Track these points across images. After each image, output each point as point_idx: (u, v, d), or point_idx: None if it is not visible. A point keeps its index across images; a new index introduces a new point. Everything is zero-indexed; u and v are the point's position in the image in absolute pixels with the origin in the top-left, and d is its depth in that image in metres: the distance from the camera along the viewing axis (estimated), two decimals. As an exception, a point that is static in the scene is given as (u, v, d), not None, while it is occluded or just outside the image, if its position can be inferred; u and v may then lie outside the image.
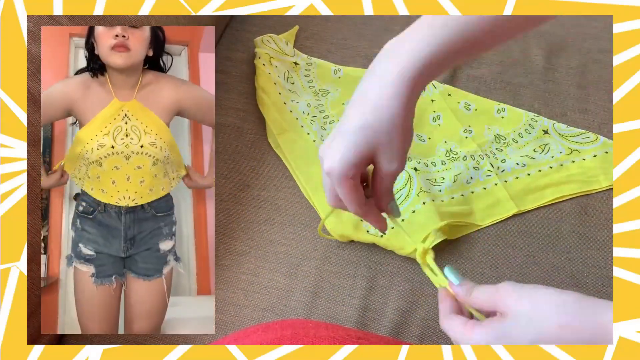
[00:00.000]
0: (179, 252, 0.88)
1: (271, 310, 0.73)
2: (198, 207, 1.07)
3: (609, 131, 0.85)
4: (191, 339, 0.71)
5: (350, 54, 0.96)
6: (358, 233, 0.76)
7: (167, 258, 0.79)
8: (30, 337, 0.67)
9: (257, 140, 0.87)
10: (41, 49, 0.67)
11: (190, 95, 0.76)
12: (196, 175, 0.80)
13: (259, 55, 0.93)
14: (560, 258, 0.75)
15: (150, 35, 0.73)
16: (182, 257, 1.05)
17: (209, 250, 1.05)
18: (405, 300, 0.73)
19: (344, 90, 0.91)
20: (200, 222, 1.06)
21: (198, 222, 1.06)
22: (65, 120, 1.02)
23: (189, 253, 1.05)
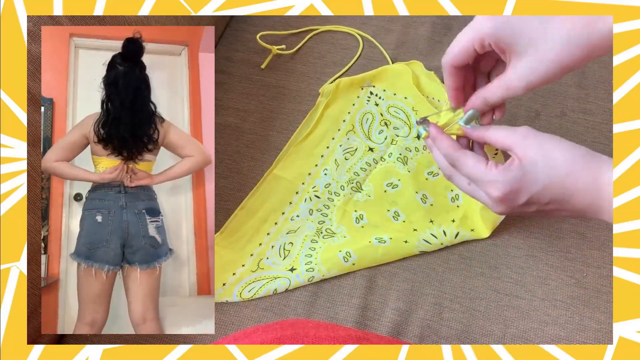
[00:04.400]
0: (179, 252, 0.89)
1: (271, 310, 0.73)
2: (198, 207, 1.07)
3: (609, 131, 0.85)
4: (191, 339, 0.71)
5: (350, 54, 0.96)
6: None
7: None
8: (30, 337, 0.67)
9: (257, 140, 0.87)
10: (41, 49, 0.67)
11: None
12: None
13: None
14: (560, 258, 0.75)
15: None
16: (182, 257, 1.05)
17: (209, 250, 1.05)
18: (405, 300, 0.73)
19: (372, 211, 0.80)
20: (200, 222, 1.06)
21: (198, 222, 1.06)
22: (65, 120, 1.02)
23: (189, 253, 1.05)
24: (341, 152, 0.84)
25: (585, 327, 0.70)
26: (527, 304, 0.72)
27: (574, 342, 0.69)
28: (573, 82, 0.91)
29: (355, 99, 0.88)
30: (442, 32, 0.97)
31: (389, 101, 0.88)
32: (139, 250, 0.84)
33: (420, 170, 0.81)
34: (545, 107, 0.88)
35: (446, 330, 0.71)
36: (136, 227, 0.84)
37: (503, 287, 0.73)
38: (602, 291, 0.72)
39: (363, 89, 0.89)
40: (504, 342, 0.69)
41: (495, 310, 0.72)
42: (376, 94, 0.89)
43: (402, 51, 0.95)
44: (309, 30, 0.99)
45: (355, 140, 0.85)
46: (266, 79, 0.94)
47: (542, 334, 0.70)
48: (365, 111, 0.87)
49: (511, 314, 0.71)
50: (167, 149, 0.89)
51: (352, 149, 0.85)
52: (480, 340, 0.70)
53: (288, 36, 0.99)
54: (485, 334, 0.70)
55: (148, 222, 0.85)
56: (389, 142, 0.85)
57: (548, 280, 0.73)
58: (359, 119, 0.87)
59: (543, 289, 0.73)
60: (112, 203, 0.84)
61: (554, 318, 0.71)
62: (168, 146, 0.88)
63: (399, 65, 0.91)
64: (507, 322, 0.71)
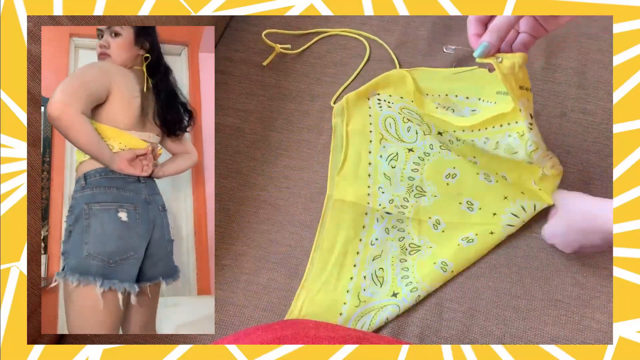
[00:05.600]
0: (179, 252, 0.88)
1: (271, 310, 0.73)
2: (198, 207, 1.07)
3: (609, 131, 0.85)
4: (191, 339, 0.71)
5: (350, 54, 0.96)
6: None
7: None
8: (30, 337, 0.67)
9: (257, 140, 0.87)
10: (41, 49, 0.67)
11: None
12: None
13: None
14: (560, 258, 0.75)
15: (134, 37, 0.74)
16: (182, 257, 1.05)
17: (209, 250, 1.05)
18: (405, 300, 0.73)
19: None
20: (200, 222, 1.06)
21: (198, 222, 1.06)
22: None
23: (189, 253, 1.05)
24: (385, 162, 0.82)
25: (585, 327, 0.70)
26: (527, 304, 0.72)
27: (574, 342, 0.69)
28: (573, 82, 0.91)
29: (368, 109, 0.87)
30: (442, 32, 0.97)
31: (399, 104, 0.86)
32: (160, 260, 0.67)
33: (465, 153, 0.79)
34: (545, 107, 0.88)
35: (446, 330, 0.71)
36: (161, 230, 0.67)
37: (503, 287, 0.73)
38: (602, 291, 0.72)
39: (370, 99, 0.88)
40: (504, 342, 0.69)
41: (495, 310, 0.72)
42: (385, 99, 0.87)
43: (402, 51, 0.95)
44: (317, 32, 0.99)
45: (392, 145, 0.83)
46: (266, 79, 0.94)
47: (542, 334, 0.70)
48: (385, 116, 0.85)
49: (511, 314, 0.71)
50: (165, 144, 0.82)
51: (393, 154, 0.82)
52: (480, 340, 0.70)
53: (291, 36, 0.99)
54: (485, 334, 0.70)
55: (168, 222, 0.70)
56: (422, 134, 0.83)
57: (548, 280, 0.73)
58: (383, 126, 0.85)
59: (543, 289, 0.73)
60: (134, 195, 0.64)
61: (554, 318, 0.71)
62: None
63: (399, 71, 0.90)
64: (507, 322, 0.71)
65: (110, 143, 0.65)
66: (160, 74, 0.76)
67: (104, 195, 0.62)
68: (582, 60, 0.93)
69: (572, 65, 0.93)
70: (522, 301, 0.72)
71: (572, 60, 0.93)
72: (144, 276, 0.67)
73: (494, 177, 0.77)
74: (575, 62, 0.93)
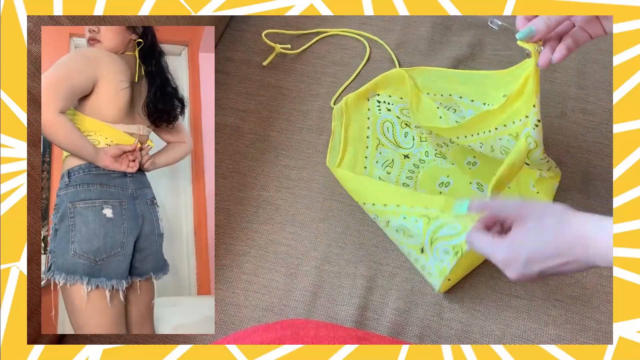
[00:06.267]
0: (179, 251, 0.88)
1: (271, 310, 0.73)
2: (198, 207, 1.07)
3: (609, 131, 0.85)
4: (191, 339, 0.71)
5: (350, 54, 0.96)
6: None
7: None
8: (30, 337, 0.67)
9: (257, 140, 0.87)
10: (41, 49, 0.67)
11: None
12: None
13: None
14: (560, 258, 0.75)
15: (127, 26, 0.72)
16: (182, 257, 1.05)
17: (209, 250, 1.05)
18: (405, 300, 0.73)
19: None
20: (200, 222, 1.06)
21: (198, 222, 1.06)
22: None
23: (189, 253, 1.05)
24: (381, 168, 0.82)
25: (585, 327, 0.70)
26: (527, 304, 0.72)
27: (574, 342, 0.69)
28: (573, 82, 0.91)
29: (367, 111, 0.86)
30: (442, 32, 0.97)
31: (398, 104, 0.86)
32: (150, 254, 0.66)
33: (464, 155, 0.79)
34: (545, 107, 0.88)
35: (446, 330, 0.71)
36: (150, 224, 0.66)
37: (503, 287, 0.73)
38: (602, 291, 0.72)
39: (369, 100, 0.87)
40: (504, 342, 0.69)
41: (495, 310, 0.72)
42: (384, 101, 0.87)
43: (402, 51, 0.95)
44: (317, 32, 0.99)
45: (388, 151, 0.83)
46: (266, 79, 0.94)
47: (542, 334, 0.70)
48: (383, 120, 0.85)
49: (511, 314, 0.71)
50: (160, 133, 0.79)
51: (389, 161, 0.82)
52: (480, 340, 0.70)
53: (291, 36, 0.99)
54: (485, 334, 0.70)
55: (158, 216, 0.68)
56: (419, 140, 0.83)
57: (548, 281, 0.73)
58: (380, 130, 0.85)
59: (543, 289, 0.73)
60: (120, 191, 0.62)
61: (554, 318, 0.71)
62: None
63: (399, 71, 0.89)
64: (507, 322, 0.71)
65: (95, 138, 0.63)
66: (154, 59, 0.72)
67: (88, 193, 0.61)
68: (582, 60, 0.93)
69: (572, 65, 0.93)
70: (522, 301, 0.72)
71: (572, 60, 0.93)
72: (134, 271, 0.66)
73: (486, 186, 0.77)
74: (575, 62, 0.93)
